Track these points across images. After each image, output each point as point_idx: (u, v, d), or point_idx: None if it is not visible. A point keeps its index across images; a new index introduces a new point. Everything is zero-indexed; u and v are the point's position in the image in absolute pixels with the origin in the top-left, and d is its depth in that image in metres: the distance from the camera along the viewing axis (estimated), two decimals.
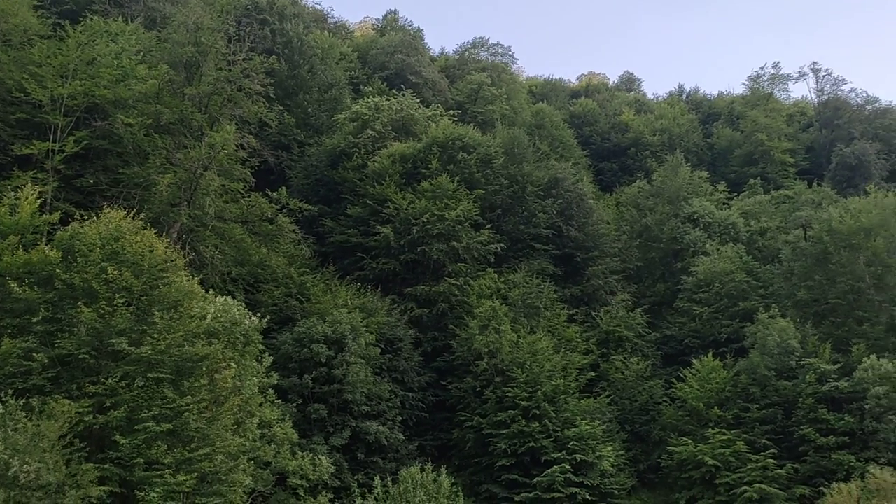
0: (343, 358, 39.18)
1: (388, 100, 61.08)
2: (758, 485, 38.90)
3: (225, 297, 30.74)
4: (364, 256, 51.13)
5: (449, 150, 56.34)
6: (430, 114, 62.85)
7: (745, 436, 42.11)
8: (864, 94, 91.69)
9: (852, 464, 37.80)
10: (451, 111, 65.78)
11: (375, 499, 31.10)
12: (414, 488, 30.70)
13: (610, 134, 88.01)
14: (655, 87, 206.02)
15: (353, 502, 32.98)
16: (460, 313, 48.48)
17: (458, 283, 49.90)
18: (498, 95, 75.83)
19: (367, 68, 76.16)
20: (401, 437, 41.14)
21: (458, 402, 45.87)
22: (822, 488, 35.88)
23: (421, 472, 32.04)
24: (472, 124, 64.10)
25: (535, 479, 40.26)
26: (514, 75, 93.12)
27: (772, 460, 40.45)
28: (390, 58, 75.88)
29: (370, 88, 66.54)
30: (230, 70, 42.83)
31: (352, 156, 56.25)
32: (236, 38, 44.77)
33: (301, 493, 32.81)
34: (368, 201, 52.73)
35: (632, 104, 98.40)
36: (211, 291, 30.46)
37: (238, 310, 29.50)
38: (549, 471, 40.15)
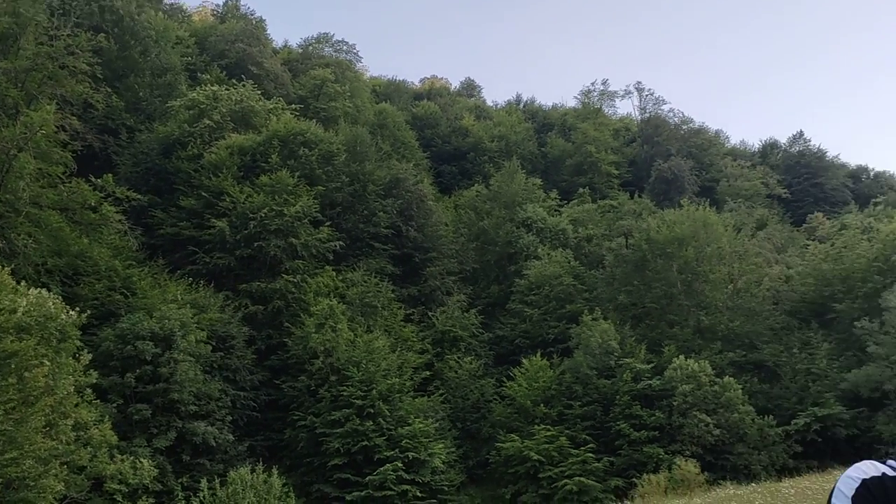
0: (171, 356, 37.43)
1: (227, 89, 59.05)
2: (577, 478, 40.98)
3: (39, 289, 28.48)
4: (197, 250, 49.15)
5: (290, 144, 55.32)
6: (271, 107, 61.42)
7: (567, 431, 44.24)
8: (681, 115, 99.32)
9: (661, 456, 40.69)
10: (294, 106, 64.65)
11: (201, 502, 29.94)
12: (243, 490, 29.83)
13: (451, 137, 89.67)
14: (495, 94, 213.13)
15: None
16: (296, 311, 47.73)
17: (295, 280, 49.11)
18: (341, 93, 75.33)
19: (206, 55, 73.19)
20: (230, 437, 39.88)
21: (292, 402, 45.13)
22: (634, 479, 38.33)
23: (251, 473, 31.21)
24: (314, 120, 63.29)
25: (367, 478, 40.33)
26: (358, 73, 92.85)
27: (591, 454, 42.75)
28: (230, 46, 73.35)
29: (208, 76, 64.03)
30: (52, 45, 39.78)
31: (187, 145, 53.91)
32: (60, 11, 41.68)
33: (119, 498, 30.95)
34: (203, 193, 50.74)
35: (472, 110, 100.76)
36: (23, 283, 28.14)
37: (54, 303, 27.44)
38: (382, 469, 40.38)
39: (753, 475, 37.23)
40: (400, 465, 40.72)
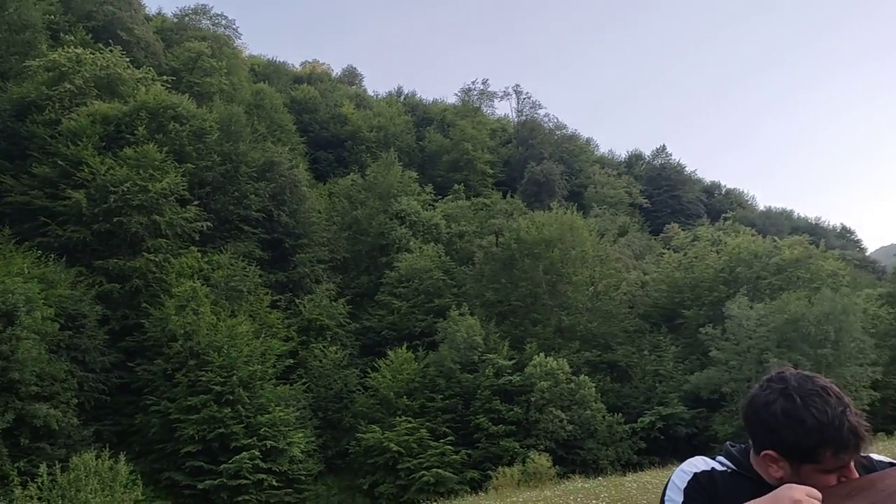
0: (12, 332, 34.96)
1: (92, 54, 55.64)
2: (435, 469, 41.58)
3: None
4: (49, 222, 46.13)
5: (159, 118, 52.87)
6: (140, 76, 58.44)
7: (428, 424, 44.76)
8: (556, 120, 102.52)
9: (516, 450, 41.89)
10: (165, 77, 61.71)
11: (39, 488, 28.15)
12: (86, 476, 28.27)
13: (329, 124, 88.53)
14: (376, 85, 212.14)
15: (11, 492, 29.53)
16: (157, 291, 45.76)
17: (157, 259, 47.04)
18: (218, 68, 72.70)
19: (71, 15, 68.62)
20: (75, 421, 37.65)
21: (146, 386, 43.23)
22: (489, 472, 39.31)
23: (96, 459, 29.63)
24: (187, 95, 60.78)
25: (221, 466, 39.27)
26: (237, 50, 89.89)
27: (449, 447, 43.44)
28: (99, 8, 69.18)
29: (72, 38, 60.06)
30: None
31: (44, 109, 50.44)
32: None
33: None
34: (59, 162, 47.63)
35: (352, 98, 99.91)
36: None
37: None
38: (238, 457, 39.42)
39: (601, 469, 39.03)
40: (257, 453, 39.89)
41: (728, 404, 45.82)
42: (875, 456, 1.97)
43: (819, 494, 1.56)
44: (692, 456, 2.09)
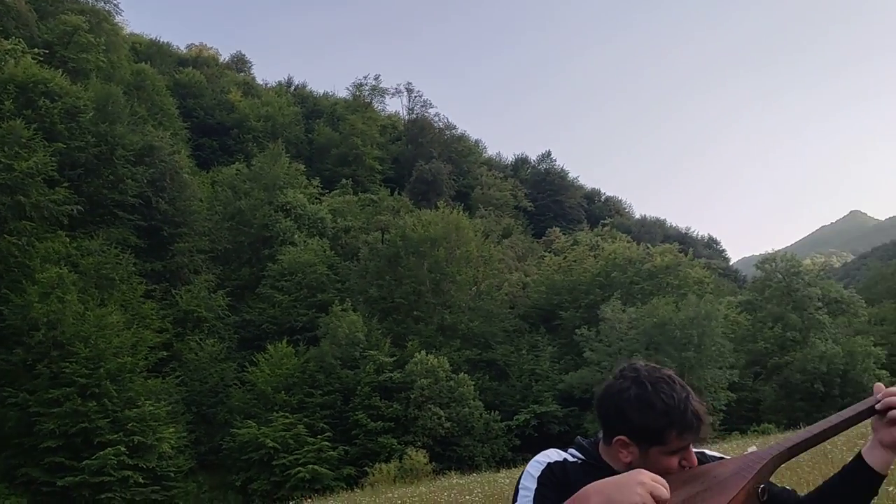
0: None
1: None
2: (311, 466, 41.09)
3: None
4: None
5: (29, 93, 49.73)
6: (9, 47, 54.62)
7: (306, 419, 44.19)
8: (446, 120, 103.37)
9: (394, 447, 42.02)
10: (37, 50, 58.01)
11: None
12: None
13: (214, 111, 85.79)
14: (266, 73, 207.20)
15: None
16: (18, 277, 42.99)
17: (20, 242, 44.20)
18: (95, 45, 68.88)
19: None
20: None
21: (3, 377, 40.51)
22: (366, 468, 39.27)
23: None
24: (60, 70, 57.35)
25: (84, 463, 37.39)
26: (117, 27, 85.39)
27: (327, 443, 43.05)
28: None
29: None
30: None
31: None
32: None
33: None
34: None
35: (240, 85, 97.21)
36: None
37: None
38: (102, 453, 37.56)
39: (476, 466, 39.79)
40: (123, 449, 38.17)
41: None
42: (709, 451, 2.17)
43: (663, 480, 1.69)
44: None
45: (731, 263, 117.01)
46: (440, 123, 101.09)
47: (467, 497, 17.07)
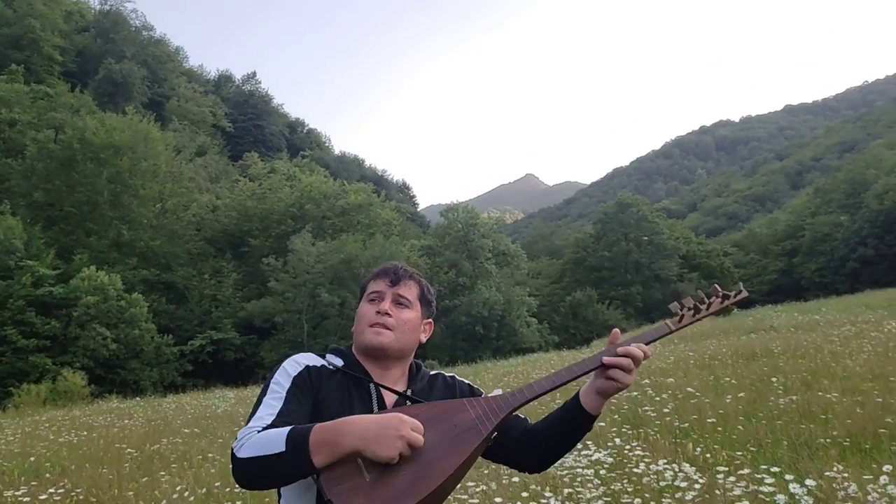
0: None
1: None
2: None
3: None
4: None
5: None
6: None
7: None
8: (144, 19, 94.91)
9: (48, 367, 38.43)
10: None
11: None
12: None
13: None
14: None
15: None
16: None
17: None
18: None
19: None
20: None
21: None
22: (10, 389, 35.53)
23: None
24: None
25: None
26: None
27: None
28: None
29: None
30: None
31: None
32: None
33: None
34: None
35: None
36: None
37: None
38: None
39: (142, 390, 37.89)
40: None
41: (278, 333, 47.99)
42: (458, 377, 2.14)
43: (421, 428, 1.63)
44: (241, 381, 2.08)
45: (419, 209, 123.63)
46: (137, 21, 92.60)
47: (126, 421, 16.17)
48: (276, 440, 1.62)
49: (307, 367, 1.94)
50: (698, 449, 5.90)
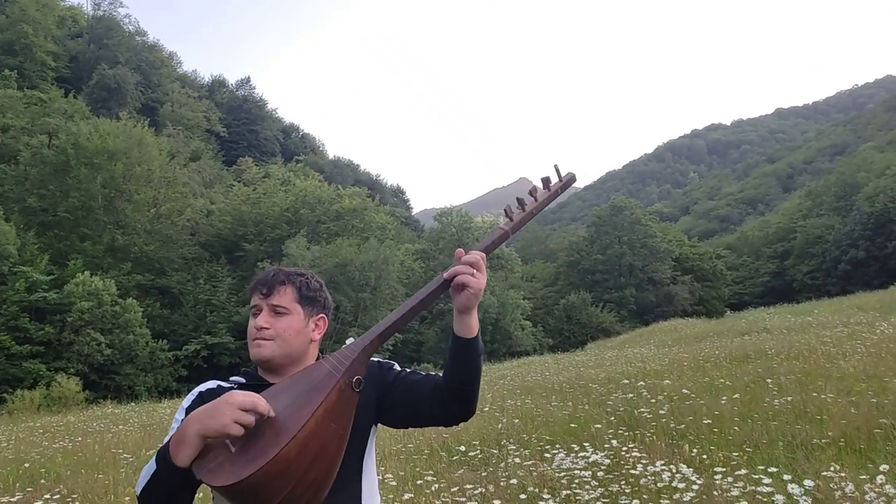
0: None
1: None
2: None
3: None
4: None
5: None
6: None
7: None
8: (137, 25, 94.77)
9: (42, 372, 38.28)
10: None
11: None
12: None
13: None
14: None
15: None
16: None
17: None
18: None
19: None
20: None
21: None
22: (5, 395, 35.38)
23: None
24: None
25: None
26: None
27: None
28: None
29: None
30: None
31: None
32: None
33: None
34: None
35: None
36: None
37: None
38: None
39: (136, 395, 37.81)
40: None
41: None
42: (380, 360, 2.18)
43: (256, 395, 1.66)
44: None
45: (413, 213, 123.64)
46: (130, 27, 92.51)
47: (121, 427, 16.13)
48: (150, 465, 1.72)
49: (199, 393, 2.00)
50: (695, 450, 5.93)
